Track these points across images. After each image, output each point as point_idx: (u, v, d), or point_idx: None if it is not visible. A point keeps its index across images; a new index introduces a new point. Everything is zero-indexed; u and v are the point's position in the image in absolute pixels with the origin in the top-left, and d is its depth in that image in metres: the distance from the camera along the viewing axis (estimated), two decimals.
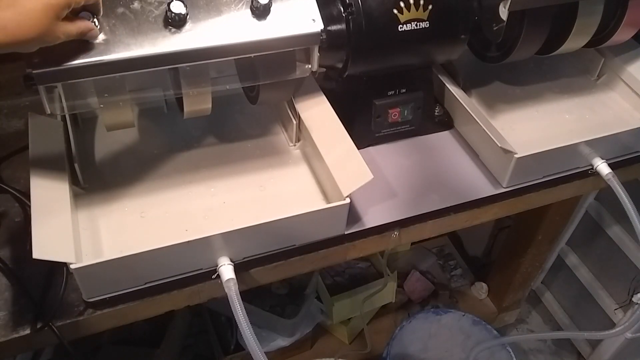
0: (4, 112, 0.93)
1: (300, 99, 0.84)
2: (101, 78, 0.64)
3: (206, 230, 0.67)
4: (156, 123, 0.90)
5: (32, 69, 0.59)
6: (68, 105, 0.69)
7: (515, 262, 1.50)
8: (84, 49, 0.61)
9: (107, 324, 0.72)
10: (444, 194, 0.85)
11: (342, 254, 0.81)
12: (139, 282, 0.69)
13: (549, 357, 1.73)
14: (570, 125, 0.98)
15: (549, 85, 1.05)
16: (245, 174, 0.84)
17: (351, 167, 0.75)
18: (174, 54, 0.64)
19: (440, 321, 1.46)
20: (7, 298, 0.69)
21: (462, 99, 0.92)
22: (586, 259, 1.58)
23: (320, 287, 1.49)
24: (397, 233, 0.82)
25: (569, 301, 1.70)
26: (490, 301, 1.67)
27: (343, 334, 1.53)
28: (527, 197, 0.90)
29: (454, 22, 0.83)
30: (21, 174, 0.82)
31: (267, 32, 0.68)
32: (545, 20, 0.85)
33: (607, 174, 0.89)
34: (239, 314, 0.66)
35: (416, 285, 1.63)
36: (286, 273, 0.78)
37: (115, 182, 0.80)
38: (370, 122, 0.89)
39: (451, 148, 0.93)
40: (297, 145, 0.88)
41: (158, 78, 0.73)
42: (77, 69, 0.61)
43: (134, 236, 0.74)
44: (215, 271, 0.70)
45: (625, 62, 1.02)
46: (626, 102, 1.03)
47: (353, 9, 0.77)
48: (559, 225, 1.41)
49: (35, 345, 0.69)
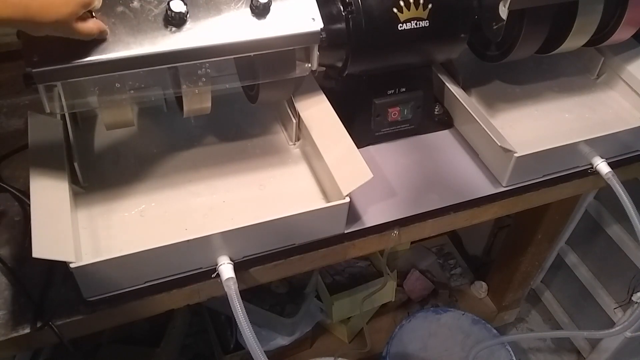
0: (3, 111, 0.93)
1: (300, 98, 0.84)
2: (101, 77, 0.64)
3: (206, 229, 0.67)
4: (156, 122, 0.90)
5: (31, 68, 0.59)
6: (67, 104, 0.69)
7: (515, 261, 1.50)
8: (83, 47, 0.61)
9: (107, 323, 0.72)
10: (444, 193, 0.85)
11: (342, 253, 0.81)
12: (138, 281, 0.69)
13: (549, 356, 1.73)
14: (570, 125, 0.98)
15: (548, 84, 1.05)
16: (245, 173, 0.84)
17: (351, 166, 0.75)
18: (174, 53, 0.64)
19: (440, 320, 1.46)
20: (6, 297, 0.69)
21: (462, 98, 0.92)
22: (586, 258, 1.58)
23: (320, 286, 1.49)
24: (397, 232, 0.82)
25: (568, 300, 1.70)
26: (490, 300, 1.67)
27: (343, 333, 1.53)
28: (527, 196, 0.90)
29: (454, 21, 0.83)
30: (21, 173, 0.82)
31: (266, 31, 0.67)
32: (545, 19, 0.85)
33: (606, 173, 0.89)
34: (239, 313, 0.66)
35: (416, 284, 1.64)
36: (286, 272, 0.78)
37: (115, 181, 0.80)
38: (370, 121, 0.89)
39: (451, 147, 0.93)
40: (297, 144, 0.88)
41: (158, 77, 0.73)
42: (76, 68, 0.61)
43: (133, 235, 0.74)
44: (215, 270, 0.70)
45: (625, 61, 1.02)
46: (626, 101, 1.03)
47: (353, 8, 0.77)
48: (559, 224, 1.41)
49: (35, 344, 0.69)
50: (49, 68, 0.60)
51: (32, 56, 0.59)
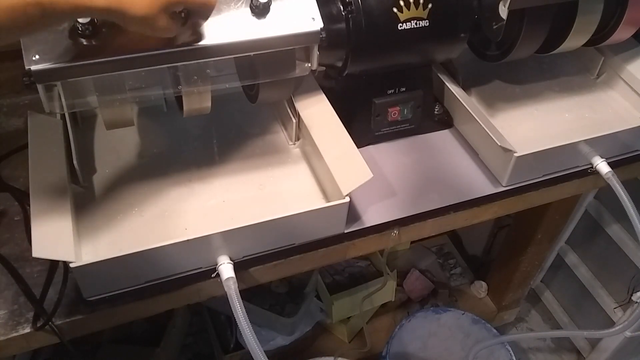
0: (3, 111, 0.93)
1: (300, 97, 0.84)
2: (100, 77, 0.64)
3: (206, 229, 0.67)
4: (156, 122, 0.90)
5: (31, 68, 0.59)
6: (67, 104, 0.69)
7: (515, 261, 1.50)
8: (83, 47, 0.61)
9: (107, 323, 0.72)
10: (444, 192, 0.85)
11: (342, 253, 0.81)
12: (138, 280, 0.69)
13: (549, 356, 1.73)
14: (570, 124, 0.98)
15: (548, 84, 1.05)
16: (245, 172, 0.84)
17: (351, 165, 0.75)
18: (174, 53, 0.64)
19: (440, 320, 1.47)
20: (7, 297, 0.69)
21: (462, 97, 0.92)
22: (586, 258, 1.58)
23: (320, 285, 1.49)
24: (397, 232, 0.82)
25: (568, 300, 1.70)
26: (490, 300, 1.67)
27: (343, 333, 1.53)
28: (527, 195, 0.90)
29: (454, 21, 0.83)
30: (21, 173, 0.82)
31: (266, 31, 0.67)
32: (545, 19, 0.85)
33: (606, 173, 0.89)
34: (239, 313, 0.66)
35: (416, 284, 1.64)
36: (286, 272, 0.78)
37: (115, 180, 0.80)
38: (370, 120, 0.89)
39: (451, 147, 0.93)
40: (297, 144, 0.88)
41: (157, 77, 0.73)
42: (76, 68, 0.61)
43: (133, 235, 0.74)
44: (214, 270, 0.70)
45: (625, 61, 1.02)
46: (626, 100, 1.03)
47: (353, 8, 0.77)
48: (559, 224, 1.41)
49: (35, 344, 0.69)
50: (48, 68, 0.59)
51: (32, 56, 0.59)
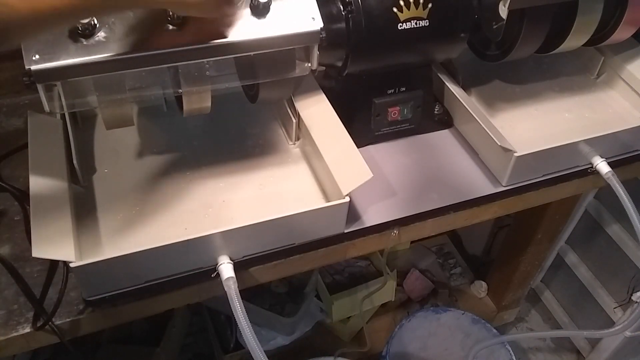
0: (3, 111, 0.93)
1: (300, 97, 0.84)
2: (100, 76, 0.64)
3: (206, 228, 0.67)
4: (156, 121, 0.90)
5: (30, 67, 0.59)
6: (67, 104, 0.69)
7: (515, 261, 1.50)
8: (83, 47, 0.61)
9: (107, 323, 0.72)
10: (444, 192, 0.85)
11: (342, 253, 0.81)
12: (138, 280, 0.69)
13: (549, 356, 1.73)
14: (570, 124, 0.98)
15: (548, 83, 1.05)
16: (245, 172, 0.84)
17: (351, 165, 0.75)
18: (174, 53, 0.64)
19: (440, 320, 1.47)
20: (6, 297, 0.69)
21: (462, 97, 0.92)
22: (585, 258, 1.58)
23: (320, 285, 1.49)
24: (397, 232, 0.82)
25: (568, 300, 1.70)
26: (490, 300, 1.67)
27: (342, 333, 1.53)
28: (527, 195, 0.90)
29: (454, 21, 0.83)
30: (20, 173, 0.82)
31: (266, 31, 0.67)
32: (545, 19, 0.85)
33: (606, 173, 0.89)
34: (239, 313, 0.66)
35: (415, 284, 1.64)
36: (286, 272, 0.78)
37: (115, 180, 0.80)
38: (370, 120, 0.89)
39: (451, 147, 0.93)
40: (297, 144, 0.88)
41: (157, 76, 0.73)
42: (76, 67, 0.61)
43: (133, 234, 0.74)
44: (214, 270, 0.70)
45: (625, 61, 1.02)
46: (626, 100, 1.03)
47: (353, 8, 0.77)
48: (559, 223, 1.41)
49: (35, 344, 0.69)
50: (48, 67, 0.59)
51: (32, 55, 0.59)
